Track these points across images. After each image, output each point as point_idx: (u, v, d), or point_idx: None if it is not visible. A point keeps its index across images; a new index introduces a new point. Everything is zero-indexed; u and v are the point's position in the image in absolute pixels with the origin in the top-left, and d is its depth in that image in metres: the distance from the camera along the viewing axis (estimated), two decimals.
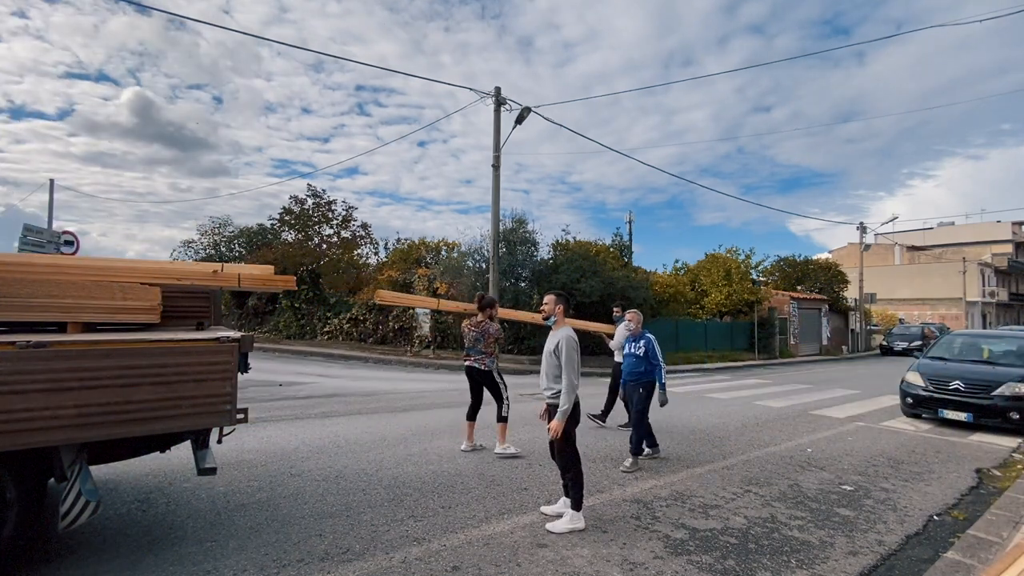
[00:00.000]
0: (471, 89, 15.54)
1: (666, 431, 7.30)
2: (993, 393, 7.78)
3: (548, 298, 4.22)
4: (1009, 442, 7.30)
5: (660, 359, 5.89)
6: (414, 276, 19.28)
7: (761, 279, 28.99)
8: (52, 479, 2.96)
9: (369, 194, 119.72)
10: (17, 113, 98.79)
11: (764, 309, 24.07)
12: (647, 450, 5.97)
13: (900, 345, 27.84)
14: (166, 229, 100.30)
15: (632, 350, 6.01)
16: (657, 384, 5.89)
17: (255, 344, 3.63)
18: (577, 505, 3.88)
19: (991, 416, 7.77)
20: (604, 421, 7.64)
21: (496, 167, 15.75)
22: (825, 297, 29.23)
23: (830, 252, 51.29)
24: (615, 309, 8.16)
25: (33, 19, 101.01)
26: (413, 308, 19.31)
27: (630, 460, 5.53)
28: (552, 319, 4.17)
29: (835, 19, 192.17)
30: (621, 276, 18.06)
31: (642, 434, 5.76)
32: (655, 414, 6.14)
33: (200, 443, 3.42)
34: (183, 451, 4.02)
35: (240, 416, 3.25)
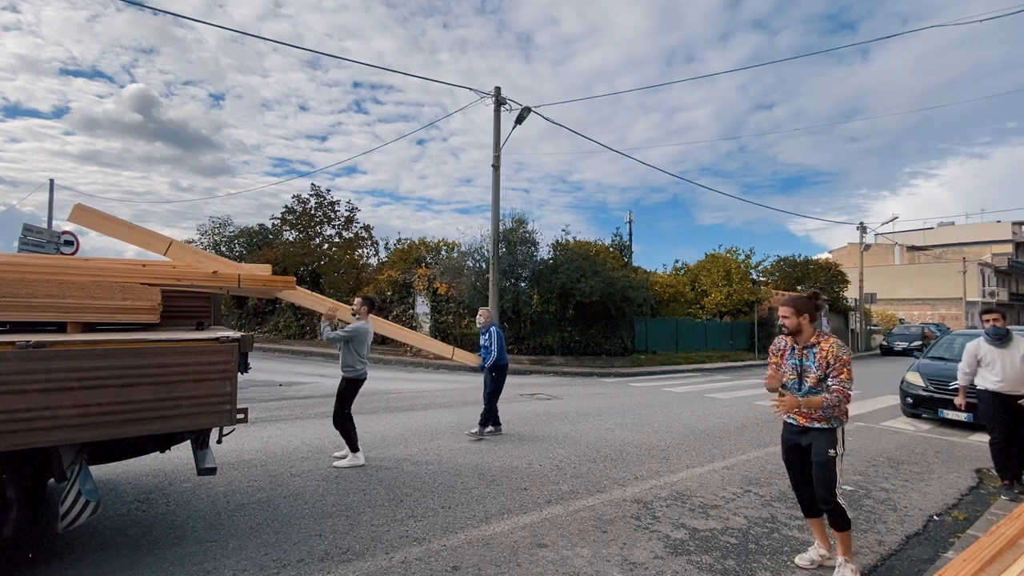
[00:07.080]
0: (471, 89, 15.55)
1: (666, 431, 7.31)
2: None
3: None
4: None
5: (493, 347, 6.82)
6: (414, 276, 19.26)
7: (761, 279, 29.00)
8: (52, 479, 2.96)
9: (368, 193, 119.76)
10: (12, 111, 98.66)
11: (764, 309, 24.07)
12: (489, 428, 6.85)
13: (900, 345, 27.83)
14: (165, 228, 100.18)
15: (483, 341, 6.92)
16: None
17: (255, 344, 3.63)
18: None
19: None
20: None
21: (496, 167, 15.75)
22: (825, 297, 29.25)
23: (830, 252, 51.34)
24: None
25: (25, 13, 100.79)
26: (413, 308, 19.32)
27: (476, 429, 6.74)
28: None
29: (840, 14, 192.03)
30: (621, 276, 18.02)
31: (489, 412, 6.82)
32: (658, 414, 6.13)
33: (200, 443, 3.42)
34: (183, 451, 4.03)
35: (240, 416, 3.25)
